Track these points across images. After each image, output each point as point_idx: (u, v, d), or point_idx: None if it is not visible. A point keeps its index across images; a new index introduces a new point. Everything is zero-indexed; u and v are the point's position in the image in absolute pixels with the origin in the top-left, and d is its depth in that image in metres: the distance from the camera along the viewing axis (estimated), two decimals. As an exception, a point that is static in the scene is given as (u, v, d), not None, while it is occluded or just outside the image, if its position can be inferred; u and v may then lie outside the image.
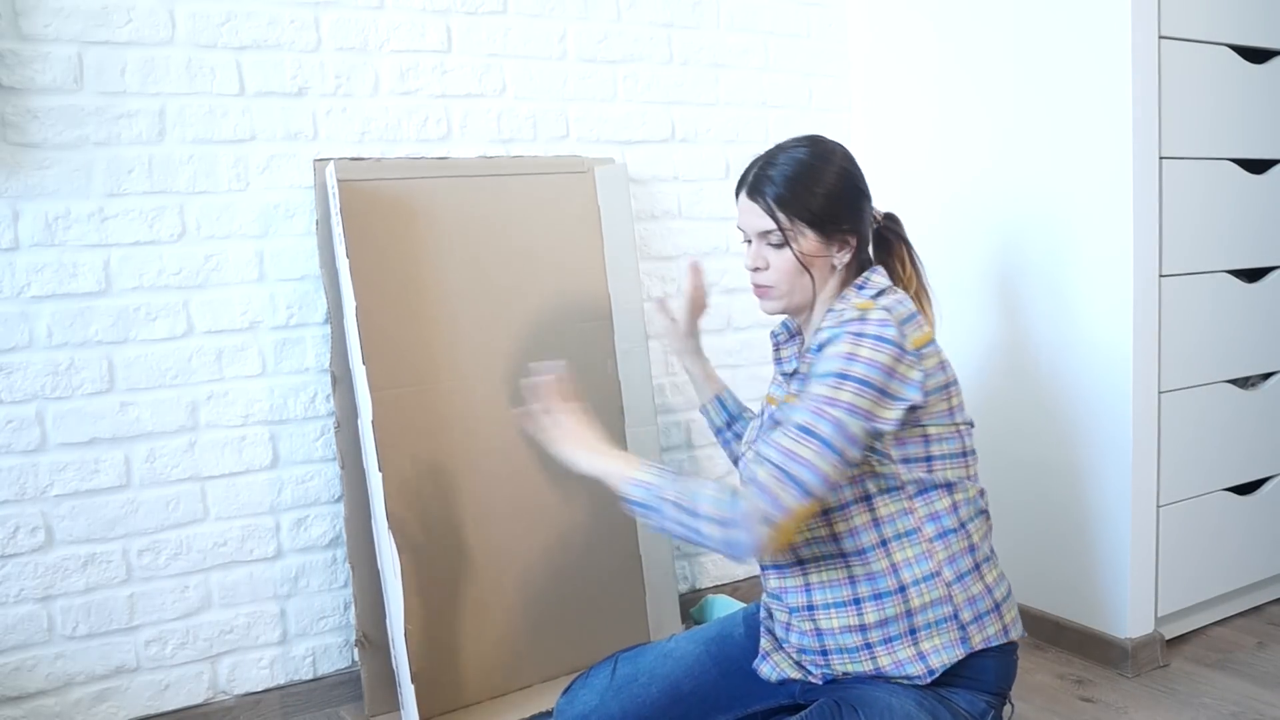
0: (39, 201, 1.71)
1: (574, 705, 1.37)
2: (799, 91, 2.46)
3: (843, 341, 1.24)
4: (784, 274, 1.37)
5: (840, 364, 1.22)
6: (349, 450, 1.90)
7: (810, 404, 1.21)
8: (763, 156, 1.42)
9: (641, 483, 1.26)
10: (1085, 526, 2.02)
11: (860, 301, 1.32)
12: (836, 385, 1.21)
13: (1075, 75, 1.95)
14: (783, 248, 1.36)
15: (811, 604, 1.33)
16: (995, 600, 1.34)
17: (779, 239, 1.36)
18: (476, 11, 2.06)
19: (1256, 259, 2.12)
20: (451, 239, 1.96)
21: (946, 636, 1.30)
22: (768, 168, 1.39)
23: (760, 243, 1.39)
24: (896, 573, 1.30)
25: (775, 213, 1.35)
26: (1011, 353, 2.14)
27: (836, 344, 1.25)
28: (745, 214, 1.40)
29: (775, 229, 1.36)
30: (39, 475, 1.74)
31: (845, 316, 1.29)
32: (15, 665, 1.74)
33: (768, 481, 1.18)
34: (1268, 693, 1.88)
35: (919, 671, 1.29)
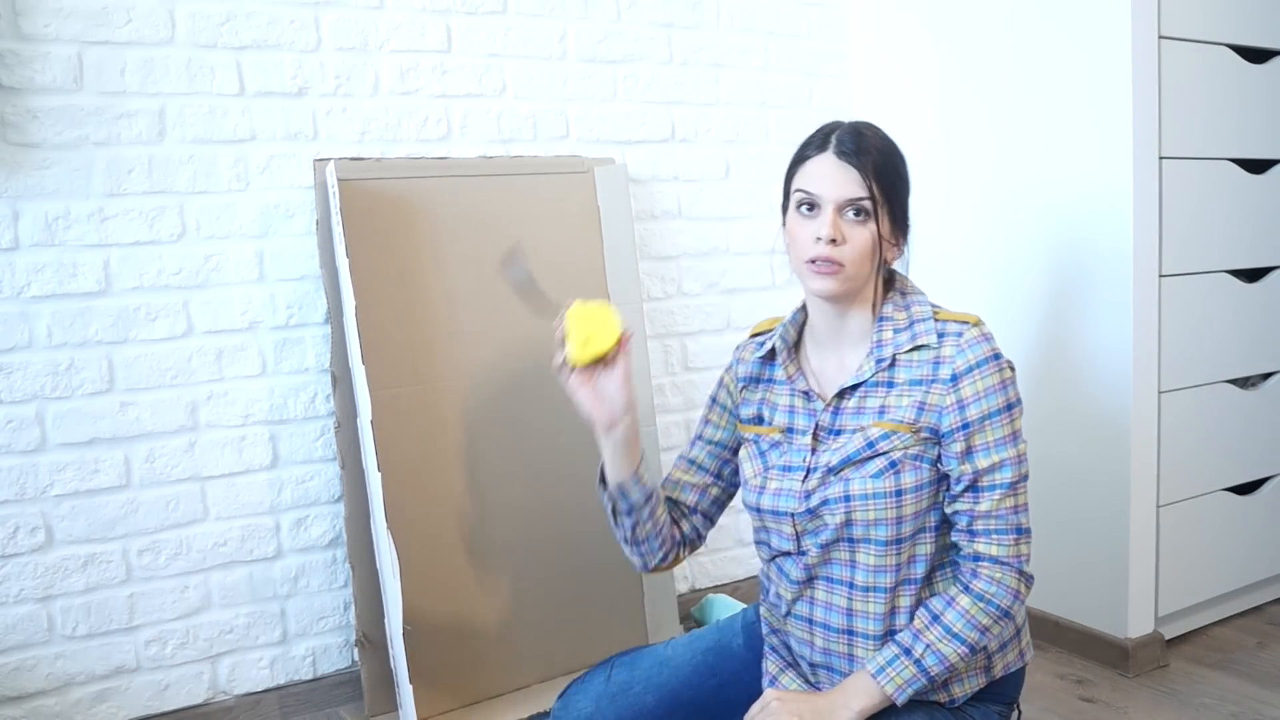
0: (39, 201, 1.71)
1: (569, 711, 1.35)
2: (799, 91, 2.46)
3: (989, 372, 1.22)
4: (860, 253, 1.23)
5: (1001, 397, 1.22)
6: (349, 450, 1.90)
7: (1001, 455, 1.21)
8: (845, 125, 1.27)
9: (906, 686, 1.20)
10: (1085, 526, 2.02)
11: (952, 313, 1.27)
12: (1009, 419, 1.22)
13: (1075, 75, 1.95)
14: (867, 222, 1.23)
15: (853, 629, 1.28)
16: (1016, 627, 1.33)
17: (864, 212, 1.23)
18: (476, 11, 2.06)
19: (1256, 259, 2.12)
20: (451, 239, 1.96)
21: (973, 668, 1.28)
22: (855, 133, 1.25)
23: (838, 213, 1.23)
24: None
25: (871, 182, 1.22)
26: (1011, 352, 2.13)
27: (985, 374, 1.21)
28: (830, 177, 1.23)
29: (868, 198, 1.22)
30: (39, 475, 1.74)
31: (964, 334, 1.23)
32: (15, 665, 1.74)
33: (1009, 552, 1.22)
34: (1268, 693, 1.88)
35: (941, 699, 1.28)
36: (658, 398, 2.27)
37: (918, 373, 1.24)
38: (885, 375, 1.26)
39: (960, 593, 1.22)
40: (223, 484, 1.88)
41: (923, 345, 1.25)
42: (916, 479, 1.22)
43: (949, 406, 1.22)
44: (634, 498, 1.33)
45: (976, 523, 1.22)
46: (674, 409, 2.33)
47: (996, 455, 1.21)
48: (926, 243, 2.32)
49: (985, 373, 1.22)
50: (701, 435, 1.45)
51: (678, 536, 1.41)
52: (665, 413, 2.30)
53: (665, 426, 2.30)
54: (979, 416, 1.21)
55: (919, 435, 1.22)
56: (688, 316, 2.34)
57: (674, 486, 1.44)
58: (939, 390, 1.22)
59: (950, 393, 1.22)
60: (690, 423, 2.35)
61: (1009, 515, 1.22)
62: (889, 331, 1.27)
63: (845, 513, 1.23)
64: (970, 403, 1.21)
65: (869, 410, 1.26)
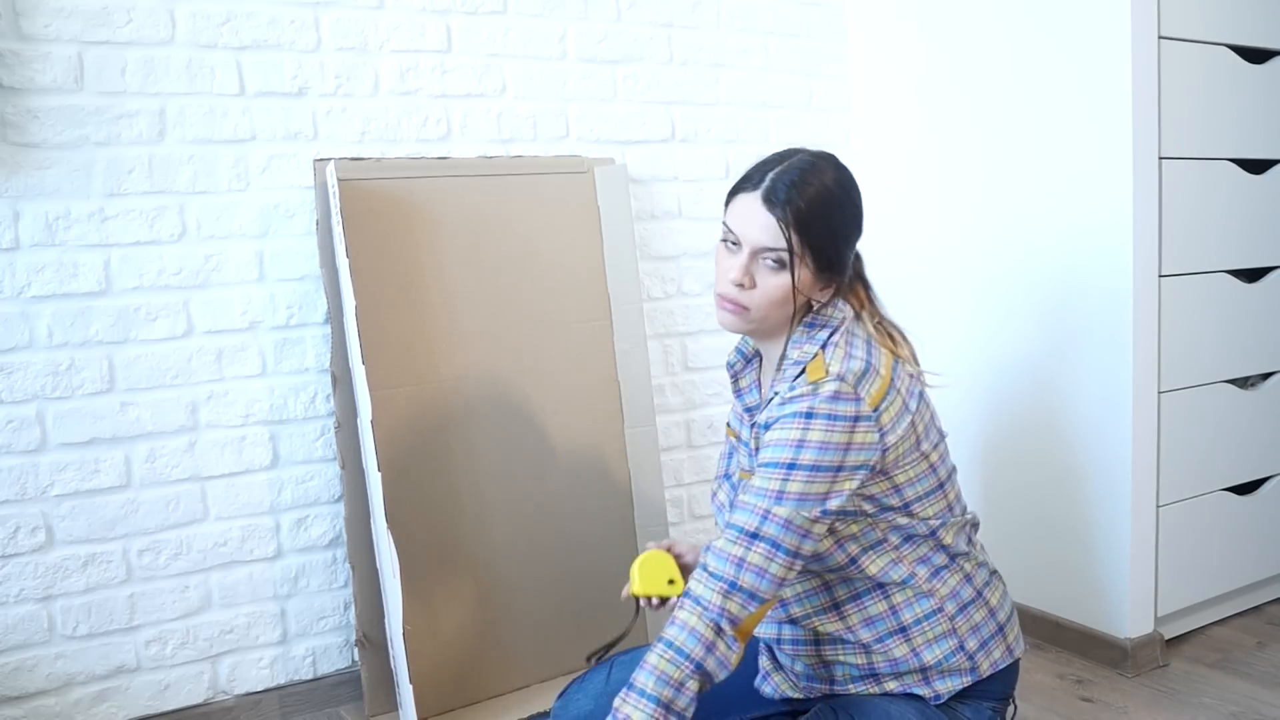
0: (39, 201, 1.71)
1: (569, 710, 1.36)
2: (799, 91, 2.46)
3: (791, 426, 1.17)
4: (770, 300, 1.23)
5: (788, 453, 1.16)
6: (349, 450, 1.90)
7: (754, 501, 1.17)
8: (779, 161, 1.25)
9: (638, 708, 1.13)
10: (1085, 526, 2.02)
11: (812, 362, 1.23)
12: (784, 478, 1.16)
13: (1075, 76, 1.95)
14: (781, 272, 1.21)
15: (819, 640, 1.30)
16: (999, 623, 1.33)
17: (779, 262, 1.21)
18: (476, 11, 2.06)
19: (1256, 259, 2.12)
20: (451, 239, 1.96)
21: (955, 668, 1.29)
22: (791, 177, 1.22)
23: (754, 258, 1.23)
24: (896, 614, 1.27)
25: (791, 234, 1.20)
26: (1011, 353, 2.14)
27: (785, 427, 1.17)
28: (750, 221, 1.22)
29: (783, 250, 1.20)
30: (39, 475, 1.74)
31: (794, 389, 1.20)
32: (15, 665, 1.74)
33: (714, 598, 1.15)
34: (1268, 693, 1.88)
35: (926, 695, 1.29)
36: (658, 398, 2.27)
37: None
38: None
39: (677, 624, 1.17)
40: (223, 484, 1.88)
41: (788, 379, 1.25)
42: None
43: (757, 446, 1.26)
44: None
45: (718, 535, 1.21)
46: (674, 409, 2.33)
47: (751, 498, 1.19)
48: (926, 243, 2.32)
49: (786, 425, 1.19)
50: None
51: None
52: (665, 413, 2.31)
53: (665, 427, 2.30)
54: (763, 463, 1.20)
55: None
56: (688, 316, 2.34)
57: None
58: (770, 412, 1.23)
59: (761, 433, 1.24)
60: (691, 422, 2.35)
61: (728, 561, 1.17)
62: (791, 360, 1.27)
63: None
64: (767, 445, 1.20)
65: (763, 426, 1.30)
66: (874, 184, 2.46)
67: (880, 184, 2.44)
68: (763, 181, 1.23)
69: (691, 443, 2.36)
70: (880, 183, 2.44)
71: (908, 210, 2.37)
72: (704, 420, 2.37)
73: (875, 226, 2.45)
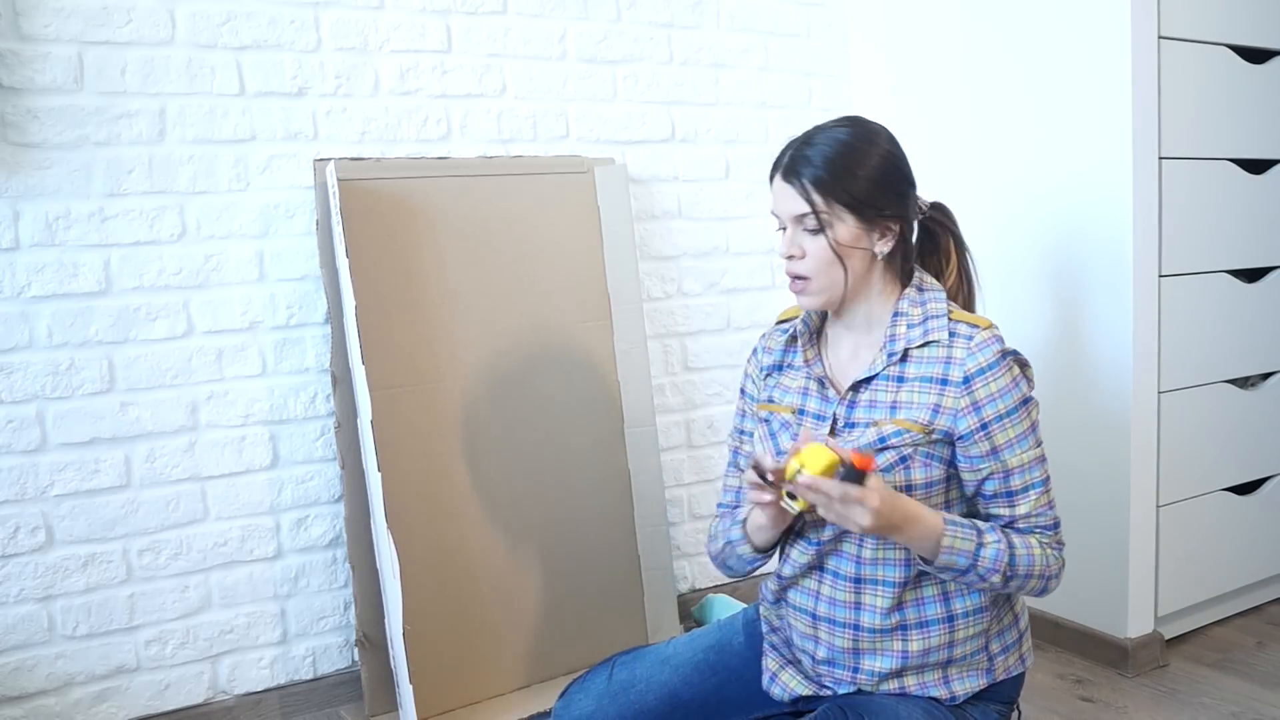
0: (39, 201, 1.71)
1: (570, 710, 1.35)
2: (799, 91, 2.46)
3: (1000, 372, 1.24)
4: (821, 262, 1.26)
5: (1015, 394, 1.24)
6: (349, 450, 1.90)
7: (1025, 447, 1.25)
8: (800, 138, 1.31)
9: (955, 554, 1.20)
10: (1085, 526, 2.02)
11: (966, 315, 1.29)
12: (1027, 414, 1.25)
13: (1075, 75, 1.95)
14: (819, 234, 1.26)
15: (858, 623, 1.28)
16: (1020, 631, 1.34)
17: (815, 224, 1.25)
18: (476, 11, 2.06)
19: (1256, 259, 2.12)
20: (451, 239, 1.96)
21: (975, 668, 1.29)
22: (805, 148, 1.28)
23: (795, 228, 1.28)
24: (948, 601, 1.27)
25: (811, 195, 1.25)
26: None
27: (996, 375, 1.23)
28: (779, 198, 1.29)
29: (811, 213, 1.25)
30: (39, 475, 1.74)
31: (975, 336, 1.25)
32: (15, 665, 1.74)
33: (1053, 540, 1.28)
34: (1268, 692, 1.88)
35: (942, 695, 1.28)
36: (658, 398, 2.27)
37: (929, 370, 1.26)
38: (896, 369, 1.28)
39: (1029, 537, 1.26)
40: (223, 484, 1.88)
41: (933, 341, 1.27)
42: (926, 476, 1.24)
43: (964, 409, 1.23)
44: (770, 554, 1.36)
45: (1019, 523, 1.26)
46: (674, 409, 2.33)
47: (1020, 451, 1.25)
48: (926, 243, 2.32)
49: (997, 374, 1.24)
50: (739, 429, 1.47)
51: None
52: (665, 413, 2.31)
53: (665, 427, 2.30)
54: (995, 416, 1.23)
55: (930, 436, 1.24)
56: (688, 316, 2.34)
57: (734, 495, 1.46)
58: (953, 394, 1.24)
59: (964, 395, 1.23)
60: (690, 422, 2.35)
61: (1047, 511, 1.28)
62: (903, 326, 1.29)
63: None
64: (985, 403, 1.23)
65: (881, 405, 1.27)
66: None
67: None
68: (781, 161, 1.30)
69: (691, 443, 2.36)
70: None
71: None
72: (704, 420, 2.37)
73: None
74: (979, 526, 1.23)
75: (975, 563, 1.20)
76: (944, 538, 1.19)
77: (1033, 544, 1.25)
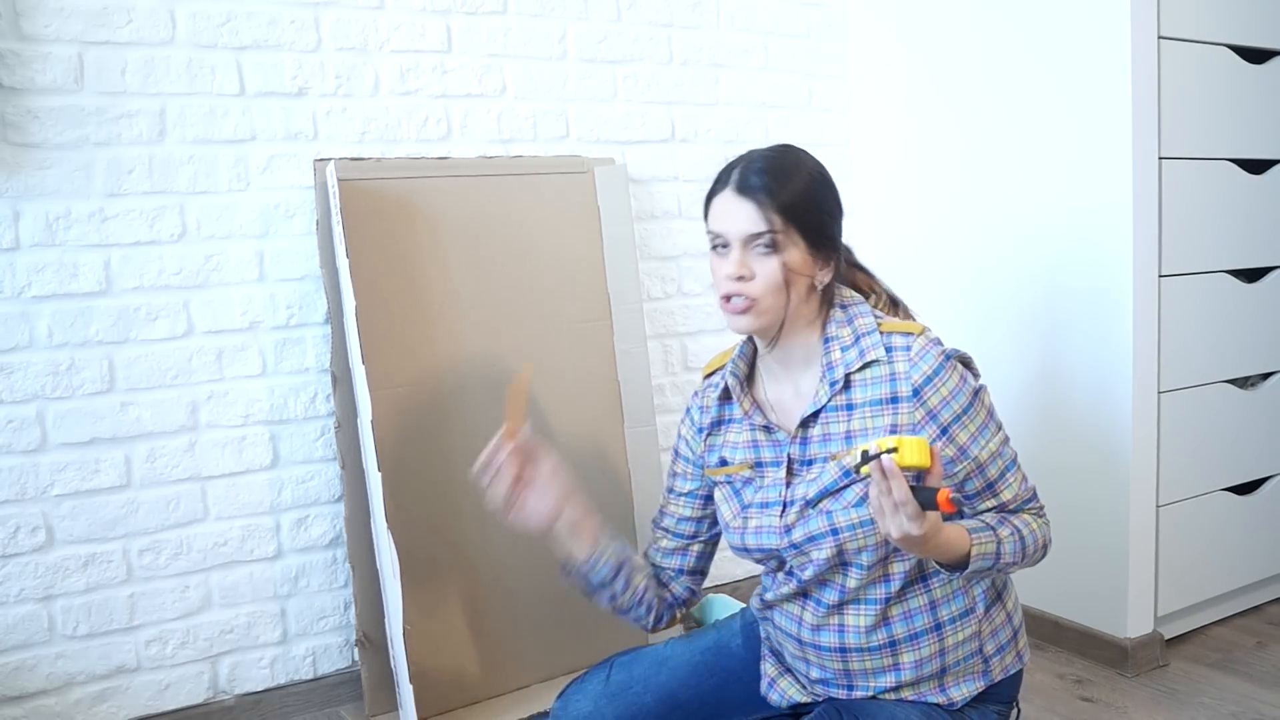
0: (39, 201, 1.71)
1: (569, 710, 1.35)
2: (799, 91, 2.46)
3: (951, 370, 1.22)
4: (771, 284, 1.21)
5: (966, 390, 1.23)
6: (349, 450, 1.90)
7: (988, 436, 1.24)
8: (747, 156, 1.27)
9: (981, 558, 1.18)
10: (1085, 526, 2.02)
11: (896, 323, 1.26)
12: (981, 405, 1.25)
13: (1075, 75, 1.95)
14: (771, 255, 1.21)
15: (844, 646, 1.27)
16: (1014, 628, 1.33)
17: (768, 245, 1.20)
18: (476, 11, 2.06)
19: (1256, 259, 2.12)
20: (451, 239, 1.96)
21: (971, 672, 1.29)
22: (760, 167, 1.24)
23: (744, 249, 1.22)
24: (934, 610, 1.26)
25: (770, 215, 1.20)
26: (1011, 352, 2.14)
27: (943, 379, 1.21)
28: (730, 215, 1.23)
29: (767, 232, 1.20)
30: (39, 475, 1.74)
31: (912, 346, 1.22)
32: (16, 665, 1.74)
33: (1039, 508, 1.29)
34: (1268, 692, 1.88)
35: (940, 702, 1.28)
36: (658, 398, 2.27)
37: (875, 392, 1.23)
38: (842, 398, 1.24)
39: (1023, 515, 1.26)
40: (223, 484, 1.88)
41: (873, 361, 1.23)
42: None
43: (920, 421, 1.21)
44: (600, 575, 1.35)
45: (1008, 506, 1.27)
46: (674, 409, 2.33)
47: (985, 441, 1.24)
48: (927, 243, 2.32)
49: (944, 378, 1.22)
50: (672, 489, 1.44)
51: (669, 598, 1.43)
52: (665, 413, 2.30)
53: (665, 427, 2.30)
54: (953, 417, 1.22)
55: None
56: (688, 316, 2.34)
57: (656, 554, 1.44)
58: (906, 409, 1.21)
59: (918, 407, 1.21)
60: (690, 423, 2.35)
61: (1025, 485, 1.28)
62: (836, 351, 1.25)
63: (834, 546, 1.22)
64: (940, 409, 1.22)
65: (835, 437, 1.24)
66: (874, 184, 2.46)
67: (880, 184, 2.44)
68: (730, 178, 1.26)
69: (691, 443, 2.36)
70: (880, 183, 2.44)
71: (908, 210, 2.37)
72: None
73: (875, 227, 2.45)
74: (988, 523, 1.22)
75: (998, 561, 1.20)
76: (973, 548, 1.17)
77: (1029, 521, 1.26)
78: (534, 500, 1.32)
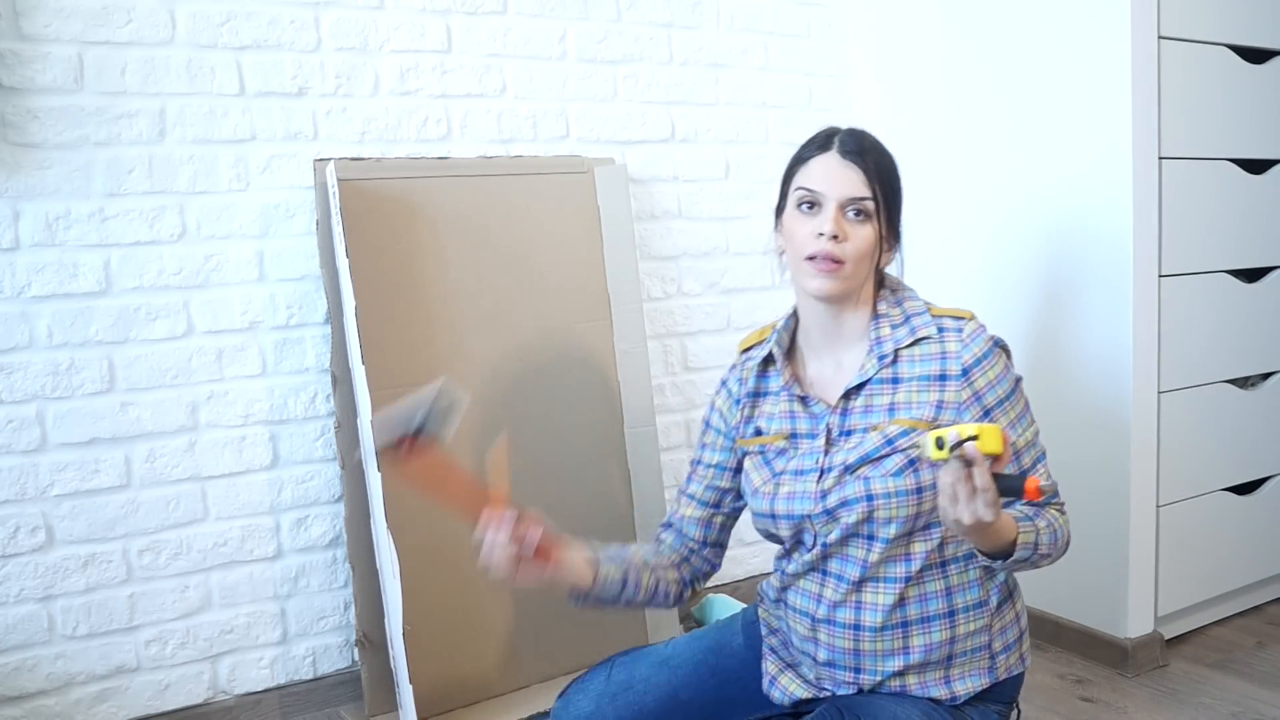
0: (39, 201, 1.71)
1: (569, 710, 1.35)
2: (799, 91, 2.46)
3: (999, 356, 1.28)
4: (860, 251, 1.24)
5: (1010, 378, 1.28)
6: (349, 450, 1.90)
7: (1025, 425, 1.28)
8: (833, 128, 1.31)
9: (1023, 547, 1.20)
10: (1085, 526, 2.01)
11: (945, 309, 1.30)
12: (1021, 394, 1.28)
13: (1075, 76, 1.95)
14: (868, 222, 1.25)
15: (860, 624, 1.27)
16: (1020, 630, 1.34)
17: (868, 211, 1.25)
18: (476, 11, 2.06)
19: (1256, 259, 2.12)
20: (451, 239, 1.96)
21: (977, 666, 1.29)
22: (859, 136, 1.28)
23: (839, 212, 1.25)
24: (950, 596, 1.27)
25: (873, 182, 1.25)
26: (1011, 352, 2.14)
27: (991, 363, 1.26)
28: (834, 175, 1.25)
29: (869, 198, 1.24)
30: (39, 475, 1.74)
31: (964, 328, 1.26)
32: (15, 665, 1.74)
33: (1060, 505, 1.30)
34: (1268, 692, 1.88)
35: (943, 696, 1.28)
36: (658, 398, 2.27)
37: (925, 368, 1.26)
38: (889, 371, 1.27)
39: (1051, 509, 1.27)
40: (223, 484, 1.88)
41: (923, 339, 1.27)
42: (934, 476, 1.23)
43: (966, 401, 1.25)
44: (609, 593, 1.34)
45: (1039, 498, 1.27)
46: (674, 409, 2.33)
47: (1023, 429, 1.28)
48: (927, 243, 2.32)
49: (992, 362, 1.26)
50: (700, 460, 1.45)
51: (686, 576, 1.43)
52: (665, 413, 2.31)
53: (665, 427, 2.30)
54: (996, 401, 1.26)
55: None
56: (688, 316, 2.34)
57: (680, 522, 1.45)
58: (954, 387, 1.25)
59: (965, 387, 1.25)
60: (690, 422, 2.35)
61: (1051, 479, 1.28)
62: (886, 328, 1.29)
63: (866, 511, 1.23)
64: (985, 392, 1.25)
65: (877, 409, 1.26)
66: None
67: (880, 184, 2.44)
68: (831, 143, 1.28)
69: (691, 443, 2.36)
70: (880, 183, 2.44)
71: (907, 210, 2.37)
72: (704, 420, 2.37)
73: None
74: (1026, 514, 1.24)
75: (1035, 552, 1.21)
76: (1019, 536, 1.19)
77: (1056, 516, 1.27)
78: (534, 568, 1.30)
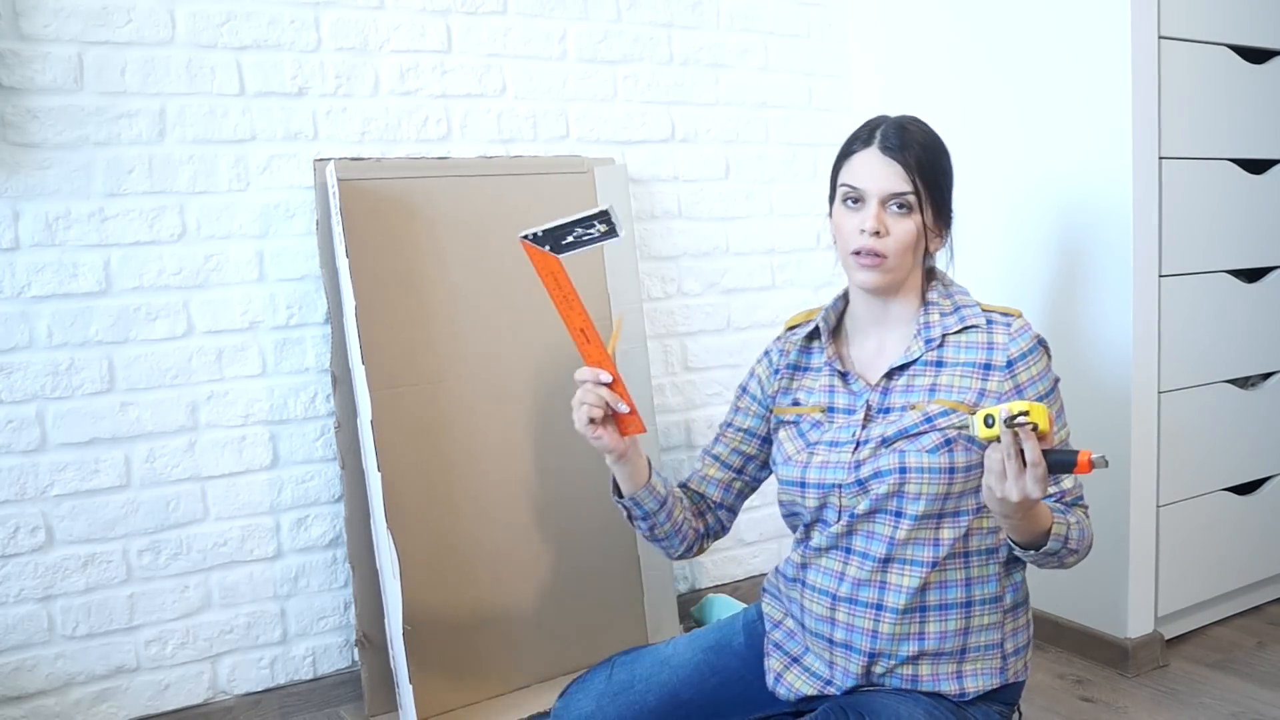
0: (39, 201, 1.71)
1: (570, 710, 1.35)
2: (799, 91, 2.46)
3: (1039, 356, 1.31)
4: (902, 245, 1.28)
5: (1051, 377, 1.32)
6: (349, 450, 1.90)
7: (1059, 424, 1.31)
8: (878, 120, 1.33)
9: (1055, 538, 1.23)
10: (1085, 526, 2.02)
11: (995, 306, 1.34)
12: (1058, 395, 1.33)
13: (1075, 75, 1.95)
14: (910, 215, 1.28)
15: (881, 604, 1.28)
16: (1028, 638, 1.36)
17: (910, 204, 1.28)
18: (476, 11, 2.06)
19: (1256, 259, 2.12)
20: (451, 239, 1.96)
21: (989, 665, 1.30)
22: (901, 128, 1.30)
23: (881, 207, 1.28)
24: (969, 587, 1.28)
25: (914, 176, 1.27)
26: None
27: (1035, 359, 1.30)
28: (875, 172, 1.28)
29: (910, 193, 1.27)
30: (39, 475, 1.74)
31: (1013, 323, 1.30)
32: (15, 665, 1.74)
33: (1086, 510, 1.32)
34: (1268, 693, 1.88)
35: (953, 691, 1.29)
36: (658, 397, 2.27)
37: (970, 355, 1.30)
38: (934, 355, 1.31)
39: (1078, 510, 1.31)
40: (223, 484, 1.88)
41: (971, 327, 1.31)
42: (968, 459, 1.26)
43: (1008, 393, 1.28)
44: (648, 506, 1.37)
45: (1066, 497, 1.30)
46: (674, 409, 2.33)
47: (1059, 427, 1.30)
48: (926, 243, 2.32)
49: (1036, 358, 1.30)
50: (731, 423, 1.47)
51: (701, 529, 1.45)
52: (665, 413, 2.30)
53: (665, 427, 2.30)
54: (1037, 397, 1.29)
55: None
56: (688, 316, 2.34)
57: (700, 481, 1.47)
58: (997, 378, 1.28)
59: (1008, 379, 1.28)
60: (690, 422, 2.35)
61: (1078, 480, 1.32)
62: (935, 315, 1.32)
63: (897, 484, 1.25)
64: (1027, 386, 1.29)
65: (919, 389, 1.30)
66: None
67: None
68: (873, 138, 1.31)
69: (691, 443, 2.36)
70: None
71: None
72: (704, 420, 2.37)
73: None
74: (1058, 508, 1.26)
75: (1064, 545, 1.23)
76: (1054, 526, 1.21)
77: (1082, 517, 1.29)
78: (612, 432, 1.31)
